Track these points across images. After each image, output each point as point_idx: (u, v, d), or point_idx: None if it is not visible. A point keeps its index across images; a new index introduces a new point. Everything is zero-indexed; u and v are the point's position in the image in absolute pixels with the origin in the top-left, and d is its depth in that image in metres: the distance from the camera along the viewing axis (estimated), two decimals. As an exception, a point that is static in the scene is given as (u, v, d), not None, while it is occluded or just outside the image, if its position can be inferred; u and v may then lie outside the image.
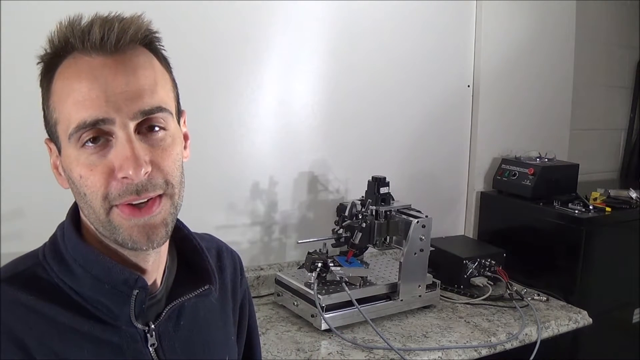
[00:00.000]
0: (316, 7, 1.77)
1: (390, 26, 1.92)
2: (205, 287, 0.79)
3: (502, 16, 2.13)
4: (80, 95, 0.64)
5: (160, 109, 0.67)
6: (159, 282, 0.77)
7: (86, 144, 0.65)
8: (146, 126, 0.67)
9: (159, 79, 0.69)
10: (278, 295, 1.62)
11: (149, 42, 0.70)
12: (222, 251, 0.92)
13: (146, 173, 0.65)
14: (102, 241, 0.71)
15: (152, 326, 0.74)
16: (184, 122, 0.78)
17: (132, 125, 0.65)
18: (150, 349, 0.73)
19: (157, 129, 0.68)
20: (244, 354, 0.97)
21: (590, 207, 1.89)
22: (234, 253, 0.95)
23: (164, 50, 0.73)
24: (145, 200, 0.67)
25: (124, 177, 0.65)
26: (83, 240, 0.72)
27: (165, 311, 0.76)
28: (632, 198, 2.00)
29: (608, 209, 1.91)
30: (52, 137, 0.70)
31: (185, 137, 0.78)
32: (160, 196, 0.68)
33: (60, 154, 0.69)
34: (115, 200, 0.66)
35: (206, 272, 0.81)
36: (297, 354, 1.36)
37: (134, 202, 0.66)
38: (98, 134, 0.65)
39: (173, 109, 0.71)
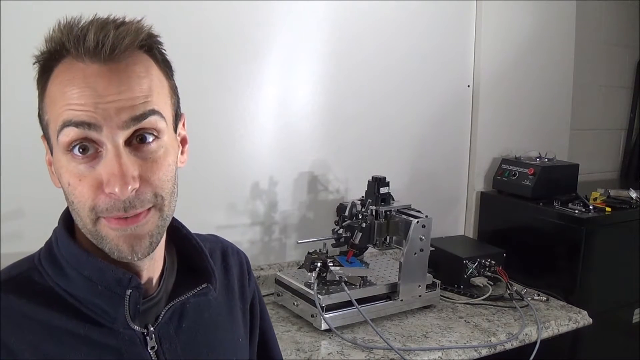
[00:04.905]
0: (316, 7, 1.77)
1: (390, 26, 1.92)
2: (203, 286, 0.78)
3: (502, 16, 2.13)
4: (70, 99, 0.63)
5: (152, 111, 0.65)
6: (155, 283, 0.76)
7: (74, 151, 0.64)
8: (138, 137, 0.65)
9: (154, 87, 0.67)
10: (278, 295, 1.62)
11: (148, 47, 0.68)
12: (227, 251, 0.91)
13: (133, 190, 0.64)
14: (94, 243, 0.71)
15: (152, 328, 0.73)
16: (183, 125, 0.76)
17: (122, 136, 0.64)
18: (151, 352, 0.72)
19: (150, 139, 0.66)
20: (260, 355, 0.95)
21: (590, 207, 1.89)
22: (240, 253, 0.94)
23: (166, 54, 0.71)
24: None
25: (111, 193, 0.63)
26: (75, 243, 0.71)
27: (163, 312, 0.75)
28: (632, 198, 2.00)
29: (608, 209, 1.91)
30: (45, 136, 0.70)
31: (184, 142, 0.77)
32: (149, 209, 0.67)
33: (52, 156, 0.69)
34: (103, 213, 0.65)
35: (205, 271, 0.80)
36: (297, 354, 1.36)
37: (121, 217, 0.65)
38: (86, 141, 0.64)
39: (169, 116, 0.69)
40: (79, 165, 0.64)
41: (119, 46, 0.63)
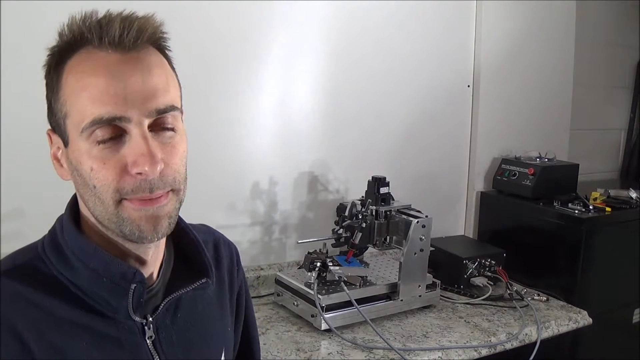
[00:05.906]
0: (316, 7, 1.77)
1: (390, 26, 1.92)
2: (202, 281, 0.80)
3: (502, 16, 2.13)
4: (97, 91, 0.65)
5: (173, 107, 0.69)
6: (155, 275, 0.78)
7: (97, 136, 0.65)
8: (158, 124, 0.68)
9: (169, 79, 0.71)
10: (278, 295, 1.62)
11: (160, 42, 0.71)
12: (219, 242, 0.93)
13: (160, 169, 0.67)
14: (101, 234, 0.72)
15: (150, 319, 0.75)
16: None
17: (146, 122, 0.66)
18: (148, 342, 0.74)
19: (168, 126, 0.69)
20: (241, 345, 0.98)
21: (590, 207, 1.89)
22: (231, 244, 0.96)
23: (170, 51, 0.74)
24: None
25: (138, 173, 0.66)
26: (82, 234, 0.72)
27: (162, 304, 0.77)
28: (632, 198, 2.00)
29: (608, 209, 1.91)
30: (58, 129, 0.70)
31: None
32: (168, 192, 0.69)
33: (67, 147, 0.69)
34: (128, 195, 0.67)
35: (203, 265, 0.82)
36: (297, 354, 1.36)
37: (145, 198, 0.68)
38: (114, 130, 0.66)
39: (180, 106, 0.73)
40: (103, 150, 0.66)
41: (141, 36, 0.67)
